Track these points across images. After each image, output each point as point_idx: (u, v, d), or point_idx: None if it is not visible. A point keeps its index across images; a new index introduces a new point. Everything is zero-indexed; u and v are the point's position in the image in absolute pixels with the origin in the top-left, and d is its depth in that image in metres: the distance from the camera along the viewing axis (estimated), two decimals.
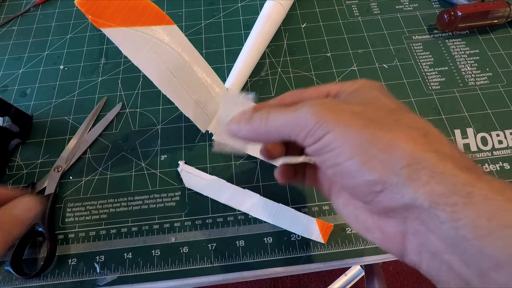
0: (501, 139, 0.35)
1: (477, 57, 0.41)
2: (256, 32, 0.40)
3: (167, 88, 0.31)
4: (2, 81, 0.41)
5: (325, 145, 0.17)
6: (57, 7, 0.48)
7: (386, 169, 0.16)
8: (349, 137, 0.17)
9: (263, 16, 0.40)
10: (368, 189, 0.17)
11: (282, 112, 0.19)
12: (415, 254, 0.17)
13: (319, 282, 0.88)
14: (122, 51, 0.27)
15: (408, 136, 0.16)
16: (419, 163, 0.15)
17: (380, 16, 0.45)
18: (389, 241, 0.18)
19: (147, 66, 0.29)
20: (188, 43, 0.32)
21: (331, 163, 0.17)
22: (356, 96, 0.20)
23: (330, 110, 0.17)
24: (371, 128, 0.16)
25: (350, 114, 0.17)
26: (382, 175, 0.16)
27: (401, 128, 0.16)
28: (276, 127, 0.19)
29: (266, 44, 0.41)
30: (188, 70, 0.32)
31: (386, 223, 0.18)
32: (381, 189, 0.16)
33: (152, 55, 0.29)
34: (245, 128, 0.20)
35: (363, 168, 0.16)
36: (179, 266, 0.30)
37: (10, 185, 0.34)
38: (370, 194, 0.17)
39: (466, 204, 0.14)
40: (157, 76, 0.30)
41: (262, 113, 0.20)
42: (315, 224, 0.31)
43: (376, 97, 0.19)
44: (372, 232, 0.19)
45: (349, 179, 0.17)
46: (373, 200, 0.17)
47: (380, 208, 0.17)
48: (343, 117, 0.17)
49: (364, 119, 0.17)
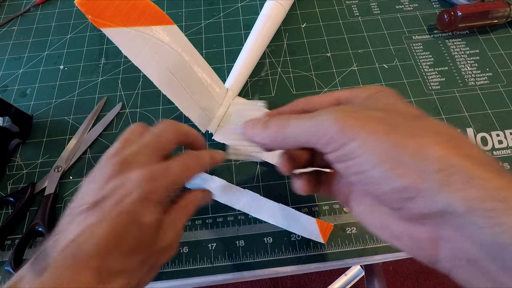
0: (501, 139, 0.35)
1: (477, 57, 0.41)
2: (256, 32, 0.40)
3: (167, 88, 0.31)
4: (2, 81, 0.41)
5: (349, 151, 0.17)
6: (57, 7, 0.48)
7: (417, 175, 0.15)
8: (374, 143, 0.16)
9: (263, 16, 0.40)
10: (398, 196, 0.16)
11: (301, 119, 0.19)
12: (448, 261, 0.16)
13: (319, 282, 0.88)
14: (122, 51, 0.28)
15: (436, 141, 0.16)
16: (451, 168, 0.15)
17: (380, 16, 0.45)
18: (420, 248, 0.17)
19: (147, 66, 0.29)
20: (188, 43, 0.32)
21: (356, 170, 0.17)
22: (373, 103, 0.19)
23: (350, 117, 0.17)
24: (396, 134, 0.16)
25: (375, 120, 0.17)
26: (413, 181, 0.15)
27: (427, 133, 0.16)
28: (294, 134, 0.19)
29: (266, 44, 0.41)
30: (188, 70, 0.32)
31: (417, 230, 0.17)
32: (412, 196, 0.16)
33: (152, 55, 0.29)
34: (261, 134, 0.20)
35: (392, 175, 0.16)
36: (179, 266, 0.30)
37: (10, 185, 0.34)
38: (400, 201, 0.16)
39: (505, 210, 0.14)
40: (157, 76, 0.30)
41: (279, 120, 0.20)
42: (315, 224, 0.31)
43: (394, 104, 0.19)
44: (401, 239, 0.18)
45: (377, 186, 0.17)
46: (404, 206, 0.16)
47: (412, 215, 0.17)
48: (365, 123, 0.17)
49: (387, 125, 0.17)
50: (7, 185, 0.34)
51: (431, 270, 0.89)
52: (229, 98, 0.36)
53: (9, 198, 0.33)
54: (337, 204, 0.32)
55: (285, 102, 0.23)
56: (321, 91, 0.39)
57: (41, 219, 0.31)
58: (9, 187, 0.34)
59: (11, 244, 0.31)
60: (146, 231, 0.21)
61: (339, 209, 0.32)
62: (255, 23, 0.41)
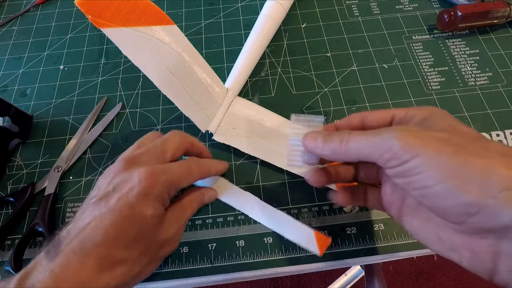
0: (501, 139, 0.35)
1: (477, 57, 0.41)
2: (256, 32, 0.40)
3: (167, 88, 0.31)
4: (2, 81, 0.41)
5: (412, 168, 0.18)
6: (57, 7, 0.48)
7: (483, 192, 0.17)
8: (440, 161, 0.18)
9: (263, 16, 0.40)
10: (462, 211, 0.17)
11: (364, 135, 0.21)
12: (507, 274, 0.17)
13: (319, 282, 0.88)
14: (122, 51, 0.28)
15: (502, 162, 0.17)
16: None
17: (380, 16, 0.45)
18: (479, 261, 0.18)
19: (147, 66, 0.29)
20: (188, 43, 0.32)
21: (419, 185, 0.19)
22: (433, 124, 0.21)
23: (413, 136, 0.19)
24: (463, 154, 0.18)
25: (438, 140, 0.18)
26: (479, 198, 0.17)
27: (493, 155, 0.17)
28: (356, 148, 0.21)
29: (266, 44, 0.41)
30: (188, 70, 0.32)
31: (477, 243, 0.18)
32: (476, 211, 0.17)
33: (152, 55, 0.29)
34: (322, 146, 0.22)
35: (458, 191, 0.17)
36: (179, 266, 0.30)
37: (10, 185, 0.34)
38: (463, 215, 0.18)
39: None
40: (157, 76, 0.30)
41: (342, 134, 0.22)
42: (313, 236, 0.30)
43: (455, 125, 0.20)
44: (460, 251, 0.19)
45: (441, 200, 0.18)
46: (466, 221, 0.18)
47: (474, 229, 0.18)
48: (431, 142, 0.18)
49: (453, 145, 0.18)
50: (7, 185, 0.34)
51: (431, 270, 0.89)
52: (229, 98, 0.36)
53: (9, 198, 0.33)
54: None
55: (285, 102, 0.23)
56: (321, 91, 0.39)
57: (41, 219, 0.31)
58: (9, 187, 0.34)
59: (11, 244, 0.31)
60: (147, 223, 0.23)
61: (339, 209, 0.32)
62: (255, 23, 0.41)
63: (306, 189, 0.33)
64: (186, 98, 0.32)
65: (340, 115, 0.37)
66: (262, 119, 0.35)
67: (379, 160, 0.20)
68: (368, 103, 0.38)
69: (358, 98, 0.38)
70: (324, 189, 0.32)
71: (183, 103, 0.32)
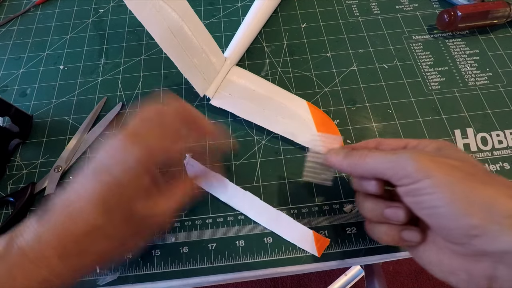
0: (501, 139, 0.35)
1: (477, 57, 0.41)
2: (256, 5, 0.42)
3: (168, 47, 0.32)
4: (2, 81, 0.41)
5: (423, 187, 0.20)
6: (57, 7, 0.48)
7: (487, 217, 0.18)
8: (450, 184, 0.19)
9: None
10: (465, 232, 0.19)
11: (382, 154, 0.23)
12: None
13: (319, 282, 0.88)
14: (127, 5, 0.29)
15: (506, 193, 0.19)
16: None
17: (380, 16, 0.45)
18: (475, 284, 0.20)
19: (150, 23, 0.31)
20: (189, 9, 0.33)
21: (427, 205, 0.20)
22: (447, 154, 0.22)
23: (430, 159, 0.21)
24: (471, 181, 0.19)
25: (450, 166, 0.20)
26: (482, 221, 0.18)
27: (499, 186, 0.19)
28: (373, 164, 0.23)
29: (266, 18, 0.43)
30: (188, 34, 0.33)
31: (474, 266, 0.20)
32: (478, 234, 0.18)
33: (155, 13, 0.31)
34: (341, 160, 0.25)
35: (464, 213, 0.19)
36: (179, 266, 0.30)
37: (10, 185, 0.34)
38: (466, 237, 0.19)
39: None
40: (159, 34, 0.31)
41: (361, 152, 0.24)
42: (312, 236, 0.30)
43: (466, 157, 0.22)
44: (458, 274, 0.21)
45: (446, 221, 0.20)
46: (468, 242, 0.19)
47: (473, 251, 0.19)
48: (443, 167, 0.20)
49: (464, 172, 0.20)
50: (7, 185, 0.34)
51: None
52: (227, 66, 0.38)
53: (9, 198, 0.33)
54: (337, 204, 0.32)
55: None
56: (321, 91, 0.39)
57: None
58: (9, 187, 0.34)
59: None
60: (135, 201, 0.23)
61: (339, 209, 0.32)
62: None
63: (306, 189, 0.33)
64: (186, 60, 0.34)
65: (340, 115, 0.37)
66: (257, 86, 0.37)
67: (393, 177, 0.22)
68: (368, 103, 0.38)
69: (358, 98, 0.38)
70: (324, 189, 0.32)
71: (182, 64, 0.34)
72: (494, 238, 0.18)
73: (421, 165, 0.20)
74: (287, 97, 0.37)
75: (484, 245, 0.19)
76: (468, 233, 0.19)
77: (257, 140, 0.36)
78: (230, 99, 0.37)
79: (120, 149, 0.24)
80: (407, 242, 0.23)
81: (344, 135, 0.36)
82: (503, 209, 0.18)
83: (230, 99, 0.37)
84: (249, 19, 0.41)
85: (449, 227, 0.20)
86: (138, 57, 0.43)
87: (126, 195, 0.23)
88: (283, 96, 0.37)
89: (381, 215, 0.24)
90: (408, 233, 0.23)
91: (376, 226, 0.25)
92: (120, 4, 0.48)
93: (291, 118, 0.36)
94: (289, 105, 0.36)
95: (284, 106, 0.36)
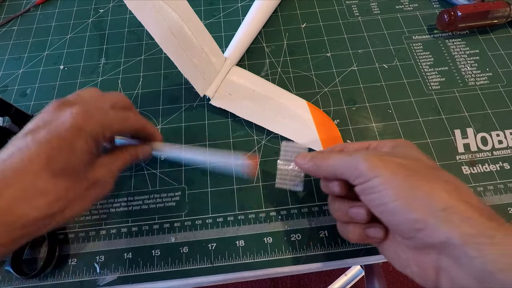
0: (501, 139, 0.35)
1: (477, 57, 0.41)
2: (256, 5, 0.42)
3: (168, 47, 0.32)
4: (2, 81, 0.41)
5: (372, 185, 0.22)
6: (57, 7, 0.48)
7: (426, 211, 0.20)
8: (396, 182, 0.21)
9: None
10: (411, 226, 0.20)
11: (341, 156, 0.24)
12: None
13: (319, 282, 0.88)
14: (127, 5, 0.29)
15: (444, 188, 0.20)
16: (452, 209, 0.19)
17: (380, 16, 0.45)
18: (425, 275, 0.21)
19: (150, 23, 0.31)
20: (189, 9, 0.33)
21: (378, 202, 0.22)
22: (399, 152, 0.24)
23: (380, 159, 0.22)
24: (414, 178, 0.21)
25: (397, 164, 0.22)
26: (423, 215, 0.20)
27: (438, 181, 0.21)
28: (334, 165, 0.24)
29: (266, 18, 0.43)
30: (188, 35, 0.33)
31: (423, 259, 0.21)
32: (422, 227, 0.20)
33: (155, 13, 0.31)
34: (308, 163, 0.26)
35: (408, 208, 0.20)
36: (179, 266, 0.30)
37: None
38: (413, 231, 0.20)
39: (491, 244, 0.18)
40: (159, 34, 0.31)
41: (324, 154, 0.26)
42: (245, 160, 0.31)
43: (416, 155, 0.24)
44: (411, 267, 0.22)
45: (394, 216, 0.21)
46: (415, 236, 0.21)
47: (420, 244, 0.21)
48: (391, 165, 0.22)
49: (409, 170, 0.21)
50: None
51: None
52: (227, 66, 0.38)
53: None
54: None
55: None
56: (321, 91, 0.39)
57: None
58: None
59: None
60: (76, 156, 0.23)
61: None
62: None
63: (306, 190, 0.33)
64: (186, 60, 0.34)
65: (340, 115, 0.37)
66: (257, 86, 0.38)
67: (350, 177, 0.23)
68: (368, 103, 0.38)
69: (358, 98, 0.38)
70: None
71: (182, 64, 0.34)
72: (433, 230, 0.19)
73: (371, 164, 0.22)
74: (287, 97, 0.37)
75: (427, 238, 0.20)
76: (413, 227, 0.20)
77: (257, 140, 0.36)
78: (230, 99, 0.37)
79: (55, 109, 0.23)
80: (372, 239, 0.25)
81: (344, 135, 0.36)
82: (439, 202, 0.20)
83: (230, 99, 0.37)
84: (249, 19, 0.41)
85: (397, 222, 0.21)
86: (138, 57, 0.43)
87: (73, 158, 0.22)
88: (283, 96, 0.37)
89: (347, 215, 0.25)
90: (371, 231, 0.24)
91: (344, 225, 0.26)
92: (120, 4, 0.48)
93: (291, 118, 0.36)
94: (289, 105, 0.36)
95: (284, 106, 0.36)
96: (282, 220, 0.32)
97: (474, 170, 0.34)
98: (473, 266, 0.18)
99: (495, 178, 0.33)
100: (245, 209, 0.33)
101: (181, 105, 0.38)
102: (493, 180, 0.33)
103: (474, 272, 0.18)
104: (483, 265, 0.18)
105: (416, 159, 0.23)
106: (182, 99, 0.39)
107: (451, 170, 0.34)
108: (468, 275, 0.19)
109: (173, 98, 0.39)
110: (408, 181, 0.21)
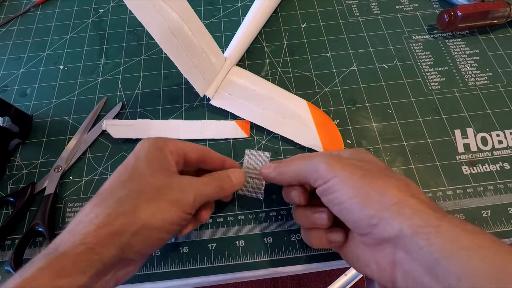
0: (501, 139, 0.35)
1: (477, 57, 0.41)
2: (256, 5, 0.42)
3: (168, 47, 0.32)
4: (2, 81, 0.41)
5: (331, 186, 0.23)
6: (57, 7, 0.48)
7: (380, 206, 0.21)
8: (351, 181, 0.22)
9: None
10: (367, 222, 0.21)
11: (302, 160, 0.26)
12: (402, 281, 0.21)
13: (319, 282, 0.88)
14: (127, 5, 0.29)
15: (395, 185, 0.22)
16: (403, 203, 0.21)
17: (380, 16, 0.45)
18: (383, 271, 0.22)
19: (150, 23, 0.31)
20: (189, 10, 0.33)
21: (336, 201, 0.23)
22: (356, 156, 0.26)
23: (335, 160, 0.24)
24: (368, 177, 0.22)
25: (353, 165, 0.23)
26: (377, 211, 0.21)
27: (390, 179, 0.22)
28: (296, 170, 0.26)
29: (266, 18, 0.43)
30: (188, 35, 0.33)
31: (380, 255, 0.22)
32: (376, 222, 0.21)
33: (155, 13, 0.31)
34: (272, 172, 0.28)
35: (363, 205, 0.21)
36: (179, 266, 0.30)
37: (10, 185, 0.34)
38: (369, 227, 0.22)
39: (436, 233, 0.19)
40: (159, 34, 0.31)
41: (286, 161, 0.27)
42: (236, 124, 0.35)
43: (371, 159, 0.25)
44: (370, 265, 0.23)
45: (352, 214, 0.22)
46: (371, 232, 0.22)
47: (376, 240, 0.22)
48: (348, 167, 0.23)
49: (363, 170, 0.23)
50: (7, 185, 0.34)
51: None
52: (227, 66, 0.38)
53: (9, 198, 0.33)
54: None
55: None
56: (321, 91, 0.39)
57: (41, 219, 0.31)
58: (9, 187, 0.34)
59: (11, 244, 0.31)
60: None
61: None
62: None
63: None
64: (186, 60, 0.34)
65: (340, 115, 0.37)
66: (257, 86, 0.38)
67: (311, 179, 0.24)
68: (368, 103, 0.38)
69: (358, 98, 0.38)
70: None
71: (182, 64, 0.34)
72: (387, 224, 0.21)
73: (330, 166, 0.23)
74: (287, 97, 0.37)
75: (381, 232, 0.21)
76: (370, 223, 0.21)
77: (257, 140, 0.36)
78: (230, 99, 0.37)
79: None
80: (333, 243, 0.26)
81: (344, 135, 0.36)
82: (390, 197, 0.21)
83: (230, 99, 0.37)
84: (249, 19, 0.41)
85: (354, 219, 0.22)
86: (138, 57, 0.43)
87: None
88: (283, 96, 0.37)
89: (310, 221, 0.26)
90: (332, 235, 0.26)
91: (307, 232, 0.27)
92: (120, 4, 0.48)
93: (291, 118, 0.36)
94: (289, 105, 0.36)
95: (284, 106, 0.36)
96: (282, 220, 0.32)
97: (474, 170, 0.34)
98: (423, 256, 0.19)
99: (495, 178, 0.33)
100: (245, 209, 0.33)
101: (181, 105, 0.38)
102: (493, 180, 0.33)
103: (424, 263, 0.19)
104: (431, 254, 0.19)
105: (371, 162, 0.25)
106: (182, 99, 0.39)
107: (451, 170, 0.34)
108: (419, 266, 0.20)
109: (173, 98, 0.39)
110: (363, 180, 0.22)
